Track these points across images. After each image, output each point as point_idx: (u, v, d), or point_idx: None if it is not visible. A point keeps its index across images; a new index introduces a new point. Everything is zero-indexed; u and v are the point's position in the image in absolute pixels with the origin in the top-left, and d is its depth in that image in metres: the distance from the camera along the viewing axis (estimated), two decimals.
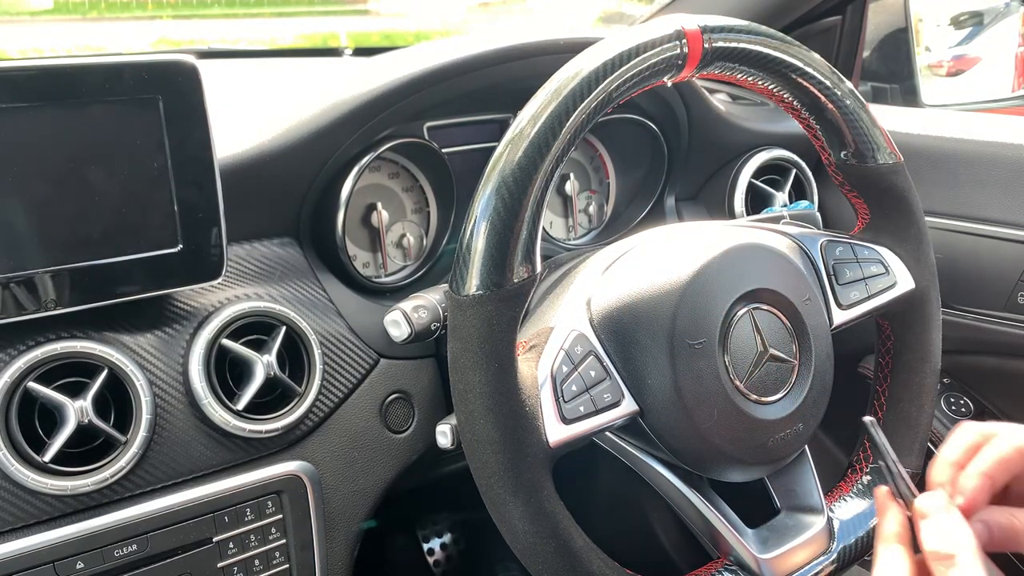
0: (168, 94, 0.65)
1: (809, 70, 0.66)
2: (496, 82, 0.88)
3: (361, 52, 1.41)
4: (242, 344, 0.72)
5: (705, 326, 0.63)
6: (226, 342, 0.71)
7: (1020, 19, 1.63)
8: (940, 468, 0.52)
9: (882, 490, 0.53)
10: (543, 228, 0.86)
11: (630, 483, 0.80)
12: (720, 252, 0.66)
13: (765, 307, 0.66)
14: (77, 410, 0.63)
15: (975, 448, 0.52)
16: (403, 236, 0.93)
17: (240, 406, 0.71)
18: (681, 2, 1.28)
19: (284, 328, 0.73)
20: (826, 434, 1.23)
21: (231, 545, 0.71)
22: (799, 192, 1.12)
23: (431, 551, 1.38)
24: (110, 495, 0.66)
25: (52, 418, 0.65)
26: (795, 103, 0.69)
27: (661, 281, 0.64)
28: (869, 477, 0.77)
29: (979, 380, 1.10)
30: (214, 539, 0.71)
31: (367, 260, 0.91)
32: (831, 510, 0.73)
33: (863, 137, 0.71)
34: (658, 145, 1.04)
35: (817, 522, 0.70)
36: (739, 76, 0.65)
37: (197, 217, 0.68)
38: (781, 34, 0.66)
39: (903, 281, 0.76)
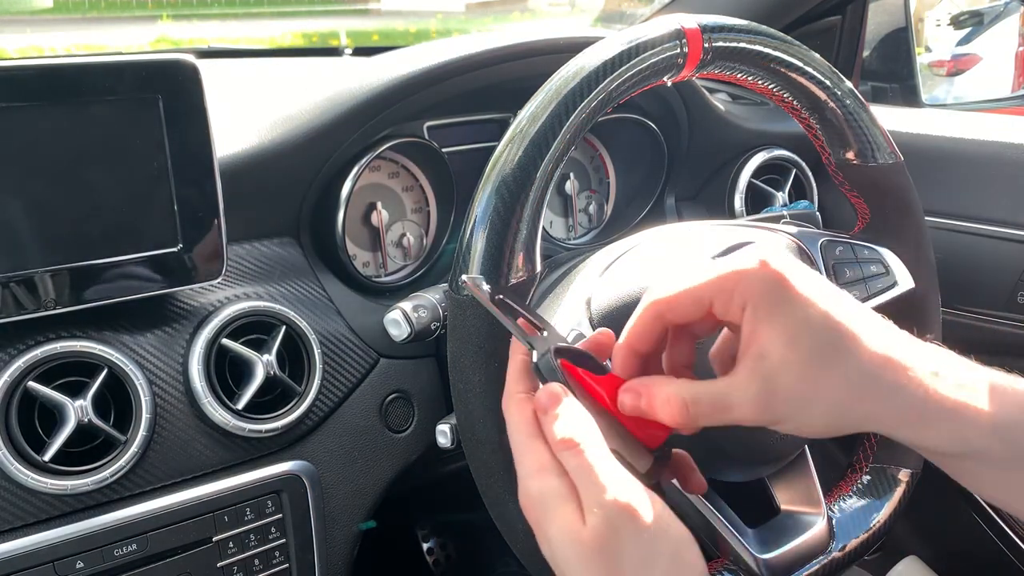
0: (168, 94, 0.65)
1: (809, 70, 0.66)
2: (496, 82, 0.87)
3: (361, 52, 1.41)
4: (242, 344, 0.72)
5: None
6: (226, 341, 0.71)
7: (1020, 19, 1.63)
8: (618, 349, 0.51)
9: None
10: (543, 228, 0.86)
11: None
12: (720, 252, 0.66)
13: None
14: (77, 409, 0.63)
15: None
16: (403, 235, 0.93)
17: (240, 406, 0.71)
18: (681, 1, 1.28)
19: (284, 328, 0.73)
20: None
21: (231, 544, 0.71)
22: (799, 192, 1.12)
23: (431, 551, 1.37)
24: (110, 495, 0.66)
25: (52, 418, 0.65)
26: (795, 103, 0.69)
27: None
28: (869, 477, 0.77)
29: None
30: (214, 539, 0.70)
31: (367, 259, 0.91)
32: (831, 510, 0.73)
33: (863, 137, 0.70)
34: (658, 145, 1.04)
35: (817, 522, 0.70)
36: (739, 76, 0.65)
37: (197, 216, 0.68)
38: (781, 34, 0.65)
39: (903, 281, 0.75)
